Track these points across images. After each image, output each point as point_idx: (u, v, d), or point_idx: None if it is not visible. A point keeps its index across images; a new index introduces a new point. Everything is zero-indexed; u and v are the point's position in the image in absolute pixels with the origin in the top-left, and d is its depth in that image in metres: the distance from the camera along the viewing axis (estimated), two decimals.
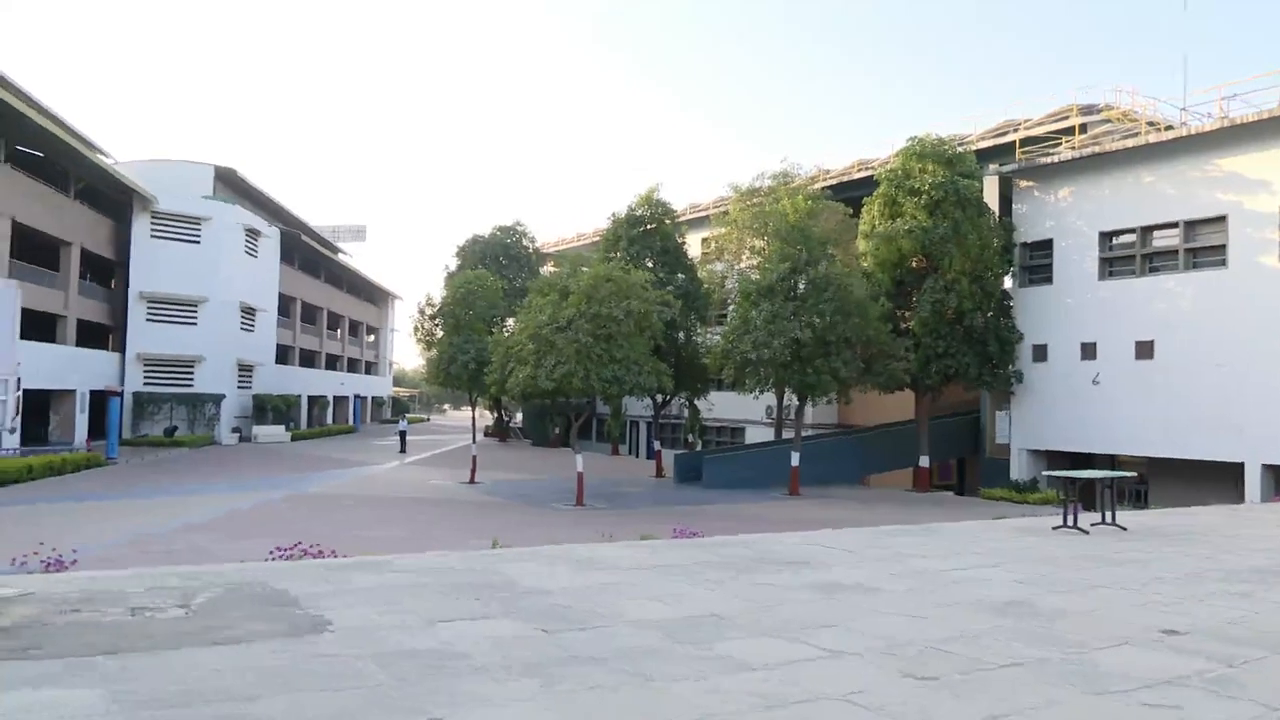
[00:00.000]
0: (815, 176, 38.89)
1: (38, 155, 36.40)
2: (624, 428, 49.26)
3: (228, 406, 45.62)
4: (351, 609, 6.29)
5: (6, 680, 4.46)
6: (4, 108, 30.69)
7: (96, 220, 41.20)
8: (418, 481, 30.92)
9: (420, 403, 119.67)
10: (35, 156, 36.42)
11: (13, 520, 16.90)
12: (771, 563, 8.74)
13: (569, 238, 61.09)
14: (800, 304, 27.73)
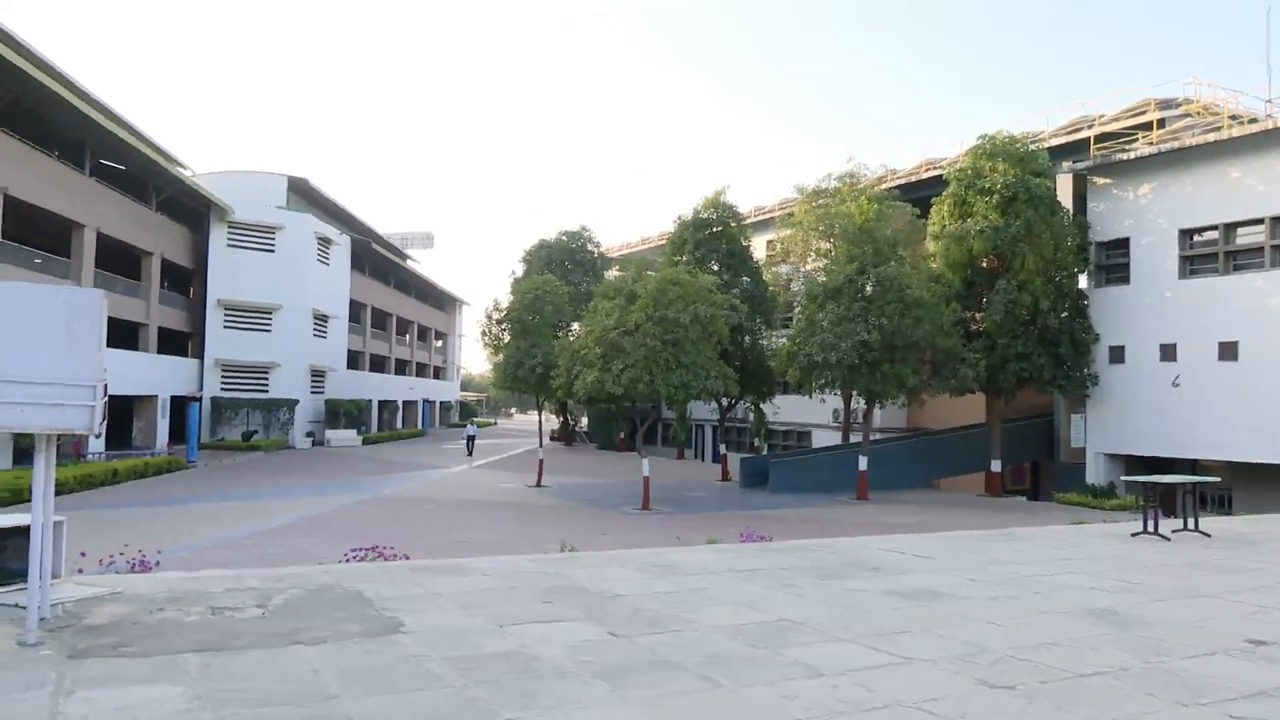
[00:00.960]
0: (882, 177, 38.37)
1: (120, 169, 37.67)
2: (689, 431, 49.16)
3: (301, 411, 46.63)
4: (425, 612, 6.36)
5: (99, 677, 4.59)
6: (89, 123, 31.84)
7: (176, 230, 42.47)
8: (486, 485, 31.22)
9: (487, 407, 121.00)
10: (118, 170, 37.69)
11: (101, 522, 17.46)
12: (846, 567, 8.61)
13: (634, 242, 61.23)
14: (867, 306, 27.36)
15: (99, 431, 5.39)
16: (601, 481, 34.26)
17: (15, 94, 28.62)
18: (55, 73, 30.76)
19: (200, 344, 44.61)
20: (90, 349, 5.25)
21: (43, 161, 30.89)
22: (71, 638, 5.32)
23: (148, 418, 38.53)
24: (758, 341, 34.90)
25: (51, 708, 4.12)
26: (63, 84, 30.43)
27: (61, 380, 5.10)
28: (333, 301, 51.14)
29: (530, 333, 32.14)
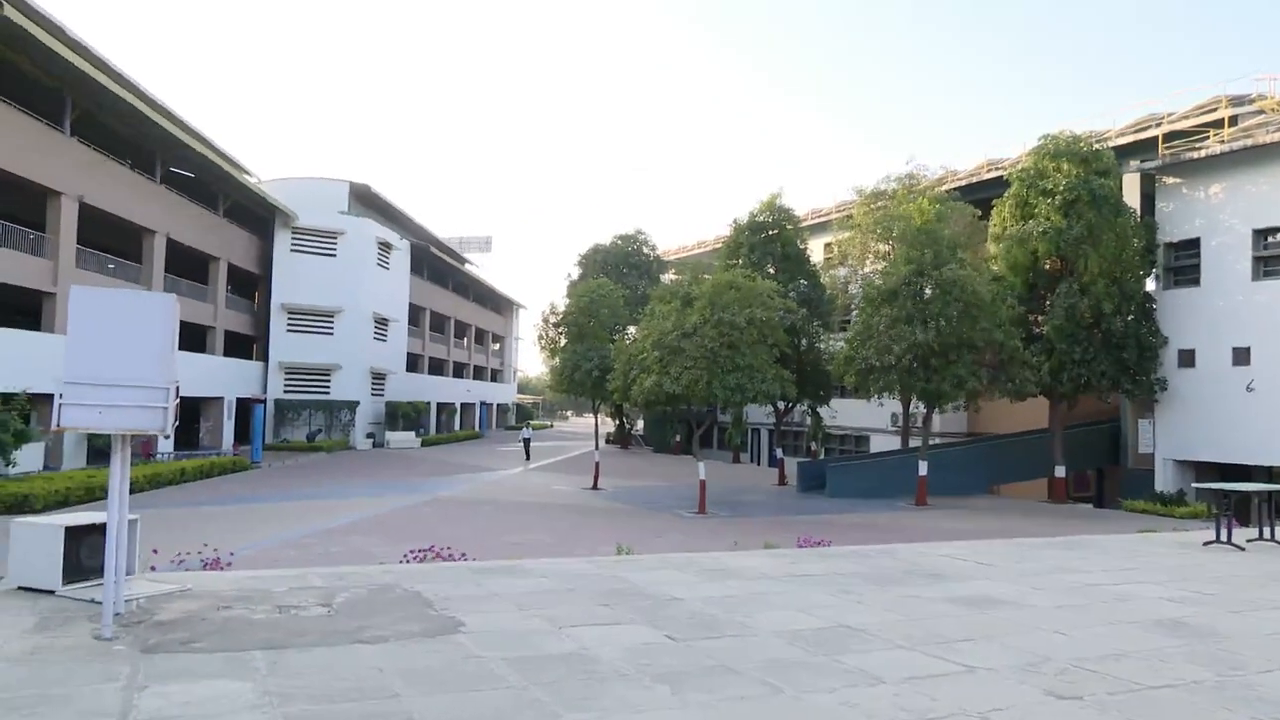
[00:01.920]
0: (942, 178, 37.83)
1: (189, 176, 38.68)
2: (745, 435, 48.92)
3: (362, 413, 47.38)
4: (484, 612, 6.42)
5: (171, 672, 4.72)
6: (161, 133, 32.76)
7: (242, 236, 43.49)
8: (542, 487, 31.42)
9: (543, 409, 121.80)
10: (187, 177, 38.70)
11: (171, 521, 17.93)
12: (907, 574, 8.51)
13: (689, 245, 61.15)
14: (925, 307, 26.98)
15: (170, 433, 5.54)
16: (657, 485, 34.26)
17: (91, 105, 29.55)
18: (128, 83, 31.70)
19: (265, 347, 45.59)
20: (164, 352, 5.40)
21: (117, 170, 31.84)
22: (144, 633, 5.48)
23: (214, 419, 39.46)
24: (814, 345, 34.63)
25: (126, 701, 4.24)
26: (135, 94, 31.35)
27: (137, 383, 5.26)
28: (392, 305, 51.89)
29: (586, 336, 32.26)
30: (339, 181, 49.26)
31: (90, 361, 5.21)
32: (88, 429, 5.39)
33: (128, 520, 5.92)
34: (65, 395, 5.18)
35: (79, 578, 6.48)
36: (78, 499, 20.81)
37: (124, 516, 5.59)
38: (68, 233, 28.36)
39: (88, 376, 5.19)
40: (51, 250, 27.92)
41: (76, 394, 5.19)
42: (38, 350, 25.70)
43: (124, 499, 5.55)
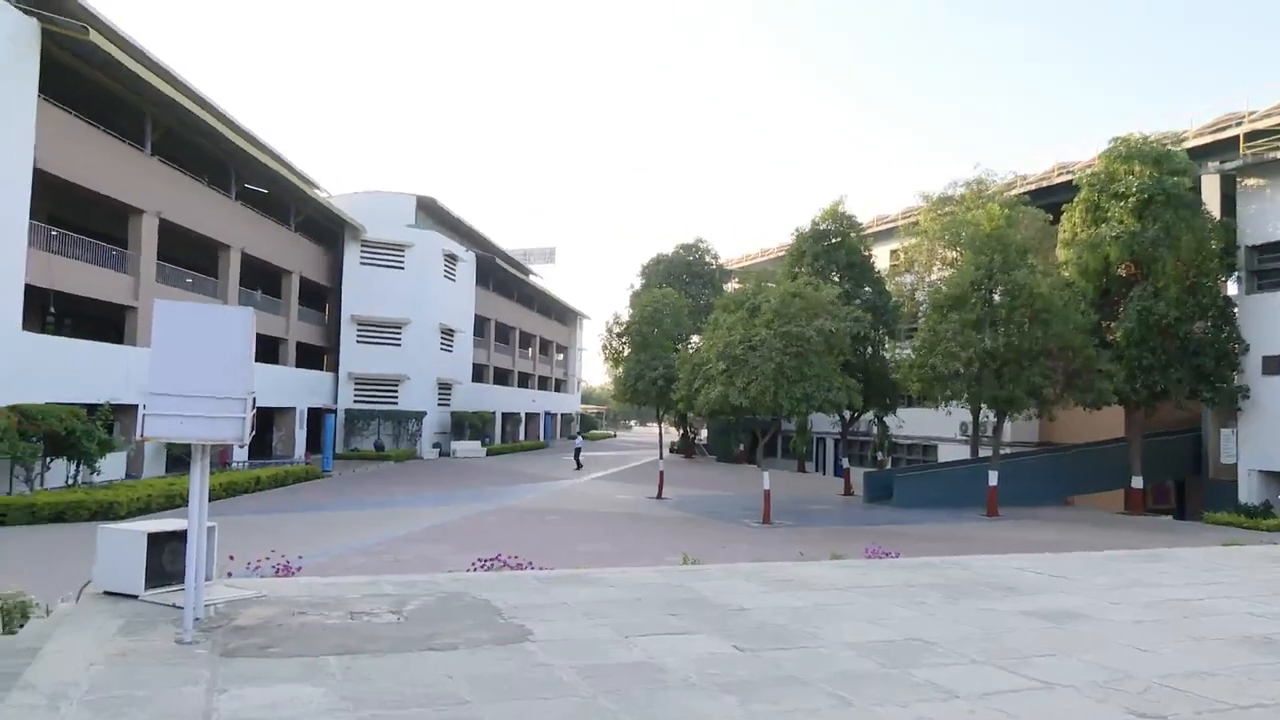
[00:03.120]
0: (1011, 183, 37.15)
1: (263, 192, 39.70)
2: (810, 444, 48.51)
3: (429, 423, 48.06)
4: (552, 621, 6.45)
5: (249, 676, 4.82)
6: (236, 151, 33.72)
7: (312, 249, 44.49)
8: (607, 496, 31.49)
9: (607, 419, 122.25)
10: (260, 193, 39.74)
11: (246, 528, 18.37)
12: (978, 586, 8.34)
13: (752, 253, 60.97)
14: (994, 313, 26.46)
15: (247, 442, 5.68)
16: (721, 494, 34.12)
17: (172, 125, 30.54)
18: (205, 102, 32.69)
19: (335, 358, 46.52)
20: (241, 364, 5.54)
21: (194, 187, 32.84)
22: (223, 638, 5.61)
23: (287, 428, 40.38)
24: (880, 352, 34.21)
25: (207, 704, 4.35)
26: (212, 113, 32.32)
27: (216, 394, 5.40)
28: (459, 316, 52.58)
29: (650, 345, 32.31)
30: (406, 195, 50.14)
31: (173, 373, 5.37)
32: (170, 439, 5.55)
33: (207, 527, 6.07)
34: (149, 406, 5.34)
35: (160, 583, 6.68)
36: (159, 506, 21.45)
37: (204, 524, 5.74)
38: (149, 249, 29.32)
39: (170, 388, 5.35)
40: (133, 266, 28.88)
41: (160, 405, 5.35)
42: (120, 363, 26.59)
43: (204, 507, 5.70)
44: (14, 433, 20.09)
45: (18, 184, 22.70)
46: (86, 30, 23.46)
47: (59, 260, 25.32)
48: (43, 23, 23.11)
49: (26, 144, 22.94)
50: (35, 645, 5.93)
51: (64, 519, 19.34)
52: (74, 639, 5.52)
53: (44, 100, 23.75)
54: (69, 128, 25.24)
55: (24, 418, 20.81)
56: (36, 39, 23.04)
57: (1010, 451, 33.40)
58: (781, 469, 44.51)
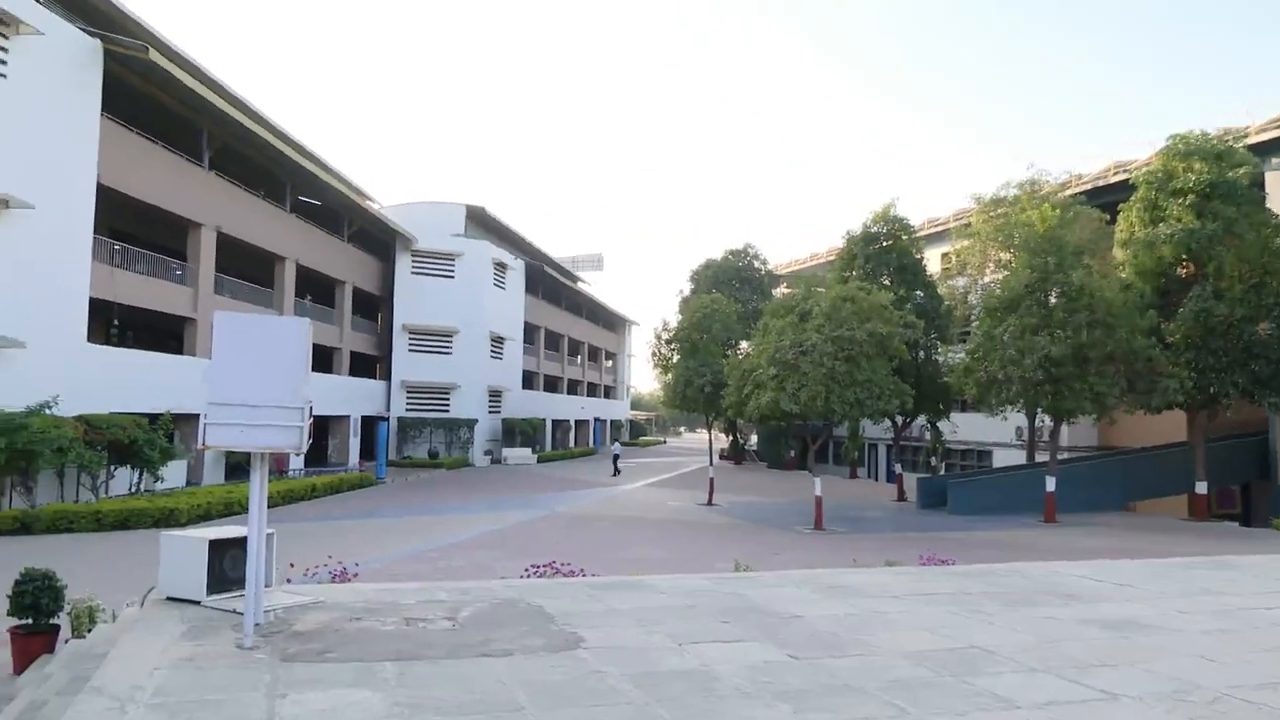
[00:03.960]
0: (1066, 183, 36.46)
1: (316, 204, 40.38)
2: (861, 450, 48.05)
3: (480, 430, 48.43)
4: (604, 628, 6.46)
5: (308, 680, 4.90)
6: (291, 164, 34.35)
7: (365, 260, 45.11)
8: (657, 503, 31.47)
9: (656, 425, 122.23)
10: (314, 205, 40.41)
11: (302, 535, 18.66)
12: (1037, 594, 8.18)
13: (802, 258, 60.62)
14: (1050, 316, 25.95)
15: (304, 450, 5.78)
16: (772, 500, 33.93)
17: (228, 139, 31.21)
18: (260, 117, 33.35)
19: (387, 366, 47.09)
20: (299, 374, 5.64)
21: (250, 200, 33.50)
22: (283, 643, 5.71)
23: (341, 436, 40.95)
24: (932, 357, 33.78)
25: (268, 708, 4.43)
26: (267, 128, 32.96)
27: (275, 403, 5.50)
28: (508, 324, 52.95)
29: (699, 351, 32.24)
30: (455, 205, 50.65)
31: (232, 383, 5.48)
32: (230, 447, 5.66)
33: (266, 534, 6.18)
34: (209, 415, 5.46)
35: (221, 588, 6.82)
36: (218, 513, 21.87)
37: (263, 531, 5.84)
38: (207, 261, 29.96)
39: (230, 397, 5.46)
40: (192, 278, 29.53)
41: (220, 414, 5.46)
42: (180, 373, 27.19)
43: (263, 514, 5.81)
44: (81, 442, 20.65)
45: (83, 200, 23.36)
46: (146, 49, 24.08)
47: (121, 274, 25.98)
48: (105, 43, 23.77)
49: (90, 161, 23.60)
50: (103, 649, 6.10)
51: (128, 526, 19.81)
52: (139, 644, 5.65)
53: (106, 118, 24.40)
54: (130, 144, 25.91)
55: (90, 427, 21.39)
56: (99, 59, 23.71)
57: (1068, 456, 32.75)
58: (833, 475, 44.14)
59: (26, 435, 18.68)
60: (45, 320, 21.67)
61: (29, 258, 21.16)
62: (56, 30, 22.17)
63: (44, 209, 21.29)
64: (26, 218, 20.93)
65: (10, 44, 20.58)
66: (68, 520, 19.19)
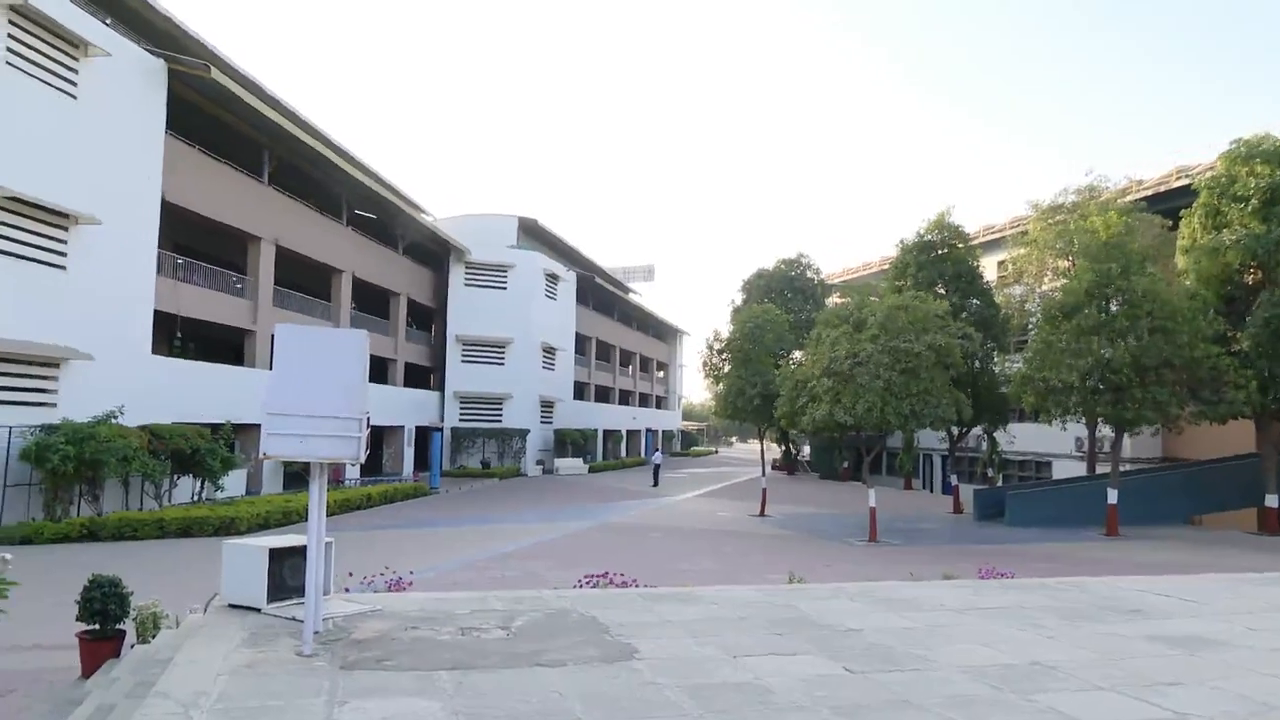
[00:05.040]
0: (1126, 188, 35.71)
1: (372, 217, 41.03)
2: (916, 461, 47.41)
3: (532, 440, 48.71)
4: (658, 639, 6.44)
5: (367, 688, 4.96)
6: (347, 179, 34.96)
7: (419, 272, 45.71)
8: (709, 514, 31.35)
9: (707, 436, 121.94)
10: (369, 218, 41.07)
11: (359, 543, 18.90)
12: (1100, 609, 8.00)
13: (854, 267, 60.13)
14: (1111, 322, 25.37)
15: (362, 460, 5.86)
16: (825, 512, 33.62)
17: (287, 155, 31.88)
18: (317, 132, 34.02)
19: (441, 377, 47.60)
20: (357, 385, 5.72)
21: (308, 214, 34.15)
22: (342, 650, 5.79)
23: (396, 446, 41.45)
24: (989, 366, 33.24)
25: (328, 715, 4.48)
26: (324, 143, 33.60)
27: (334, 414, 5.59)
28: (560, 335, 53.25)
29: (751, 361, 32.08)
30: (508, 217, 51.12)
31: (292, 394, 5.59)
32: (290, 458, 5.76)
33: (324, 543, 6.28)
34: (269, 426, 5.57)
35: (281, 596, 6.93)
36: (276, 522, 22.25)
37: (322, 540, 5.93)
38: (266, 274, 30.59)
39: (290, 408, 5.56)
40: (251, 291, 30.17)
41: (280, 425, 5.56)
42: (240, 383, 27.77)
43: (322, 523, 5.90)
44: (145, 452, 21.18)
45: (148, 216, 24.00)
46: (208, 68, 24.71)
47: (184, 287, 26.62)
48: (169, 63, 24.44)
49: (155, 177, 24.25)
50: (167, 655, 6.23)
51: (190, 534, 20.24)
52: (203, 650, 5.76)
53: (170, 135, 25.07)
54: (193, 161, 26.57)
55: (154, 437, 21.93)
56: (163, 79, 24.38)
57: (1130, 468, 31.98)
58: (887, 486, 43.63)
59: (94, 445, 19.19)
60: (112, 333, 22.28)
61: (97, 272, 21.78)
62: (123, 52, 22.85)
63: (111, 225, 21.92)
64: (95, 233, 21.57)
65: (80, 66, 21.23)
66: (132, 528, 19.67)
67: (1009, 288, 37.86)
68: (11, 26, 19.29)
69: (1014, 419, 34.35)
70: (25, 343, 19.48)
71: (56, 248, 20.67)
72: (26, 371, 20.01)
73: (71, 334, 20.84)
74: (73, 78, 21.11)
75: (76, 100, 21.21)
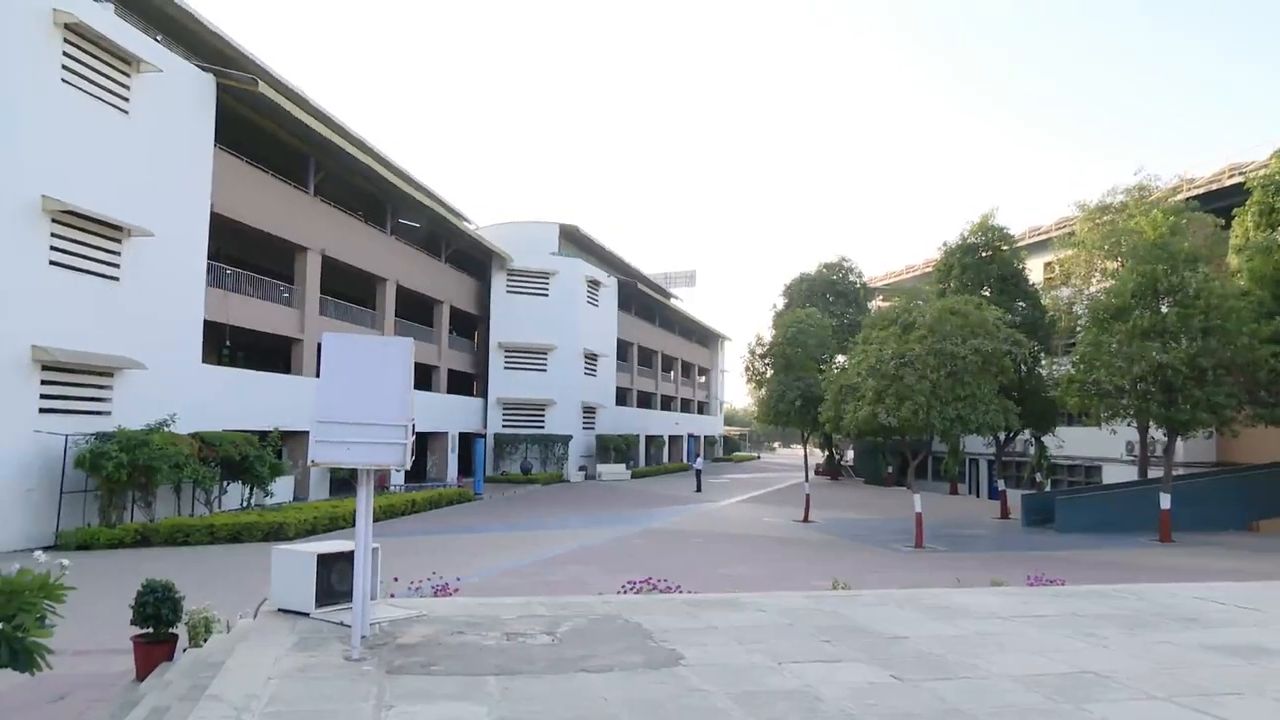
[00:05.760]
0: (1177, 187, 35.03)
1: (415, 226, 41.48)
2: (962, 466, 46.81)
3: (574, 446, 48.86)
4: (704, 645, 6.42)
5: (414, 693, 4.99)
6: (391, 188, 35.39)
7: (462, 280, 46.13)
8: (752, 519, 31.21)
9: (750, 441, 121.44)
10: (412, 227, 41.52)
11: (404, 549, 19.05)
12: (1155, 617, 7.83)
13: (897, 270, 59.65)
14: (1163, 323, 24.85)
15: (408, 466, 5.91)
16: (870, 517, 33.32)
17: (333, 166, 32.34)
18: (361, 143, 34.45)
19: (484, 384, 47.96)
20: (403, 392, 5.78)
21: (353, 224, 34.61)
22: (388, 655, 5.83)
23: (439, 452, 41.81)
24: (1036, 369, 32.72)
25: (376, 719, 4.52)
26: (368, 153, 34.03)
27: (380, 421, 5.65)
28: (602, 341, 53.40)
29: (793, 366, 31.93)
30: (549, 224, 51.40)
31: (340, 402, 5.65)
32: (338, 464, 5.82)
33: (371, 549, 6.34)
34: (317, 433, 5.63)
35: (329, 601, 7.01)
36: (324, 527, 22.53)
37: (369, 546, 5.99)
38: (312, 284, 31.03)
39: (338, 415, 5.62)
40: (298, 300, 30.61)
41: (327, 432, 5.63)
42: (287, 391, 28.18)
43: (369, 529, 5.95)
44: (196, 459, 21.57)
45: (198, 227, 24.46)
46: (255, 82, 25.15)
47: (233, 297, 27.08)
48: (218, 78, 24.91)
49: (205, 190, 24.71)
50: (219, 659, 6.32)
51: (239, 539, 20.56)
52: (253, 654, 5.84)
53: (219, 148, 25.54)
54: (241, 173, 27.05)
55: (204, 444, 22.32)
56: (212, 93, 24.84)
57: (1184, 472, 31.31)
58: (933, 491, 43.13)
59: (147, 452, 19.58)
60: (164, 342, 22.72)
61: (149, 283, 22.23)
62: (174, 67, 23.32)
63: (162, 237, 22.37)
64: (147, 245, 22.01)
65: (132, 81, 21.71)
66: (184, 533, 20.02)
67: (1056, 290, 37.30)
68: (67, 45, 19.78)
69: (1062, 422, 33.81)
70: (81, 353, 19.94)
71: (110, 260, 21.14)
72: (83, 381, 20.47)
73: (125, 344, 21.29)
74: (125, 93, 21.58)
75: (129, 115, 21.68)
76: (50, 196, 19.03)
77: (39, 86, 19.17)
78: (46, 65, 19.35)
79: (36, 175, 18.93)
